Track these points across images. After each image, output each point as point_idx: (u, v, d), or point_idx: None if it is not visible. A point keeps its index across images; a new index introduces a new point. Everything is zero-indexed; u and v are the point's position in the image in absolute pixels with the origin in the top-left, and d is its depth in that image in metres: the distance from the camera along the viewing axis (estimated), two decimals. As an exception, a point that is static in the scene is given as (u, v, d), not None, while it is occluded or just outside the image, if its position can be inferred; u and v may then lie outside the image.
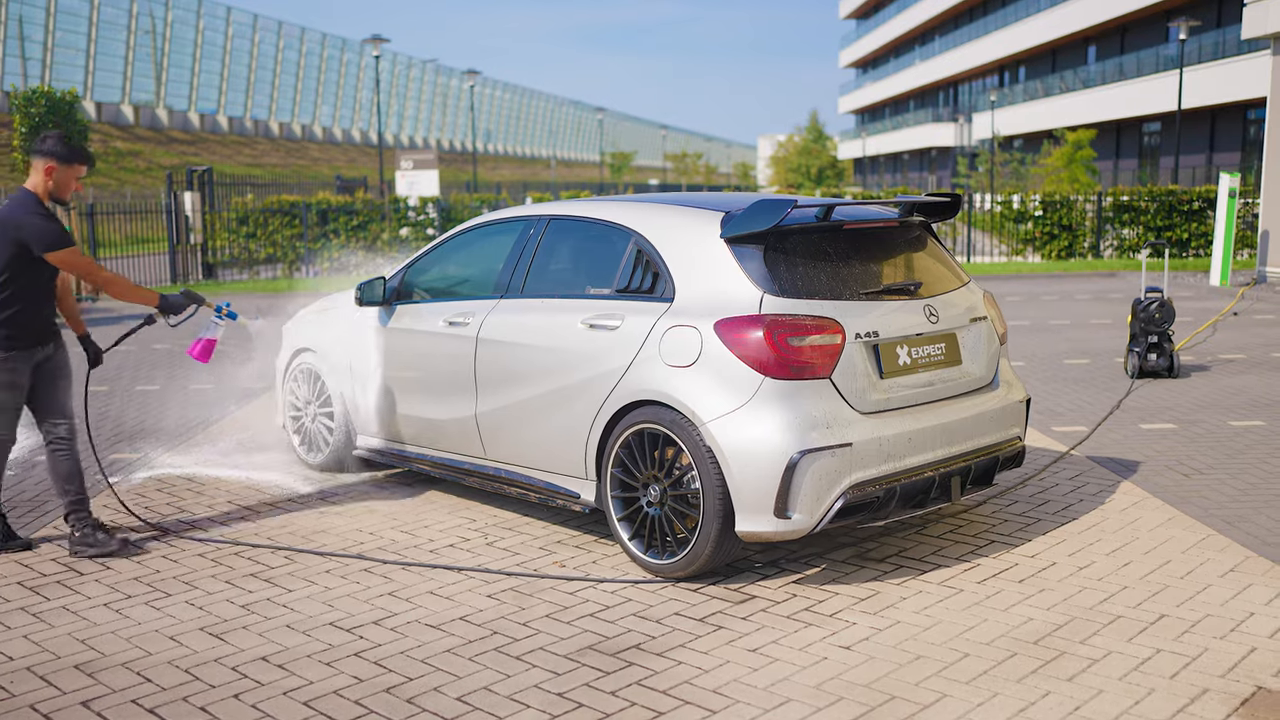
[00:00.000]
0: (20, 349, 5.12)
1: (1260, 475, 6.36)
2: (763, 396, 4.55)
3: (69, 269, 5.10)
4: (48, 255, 5.01)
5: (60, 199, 5.13)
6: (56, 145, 5.10)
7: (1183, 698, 3.65)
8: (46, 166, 5.07)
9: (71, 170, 5.12)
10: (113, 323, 15.30)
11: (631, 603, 4.58)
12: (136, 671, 3.98)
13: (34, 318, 5.15)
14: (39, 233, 4.98)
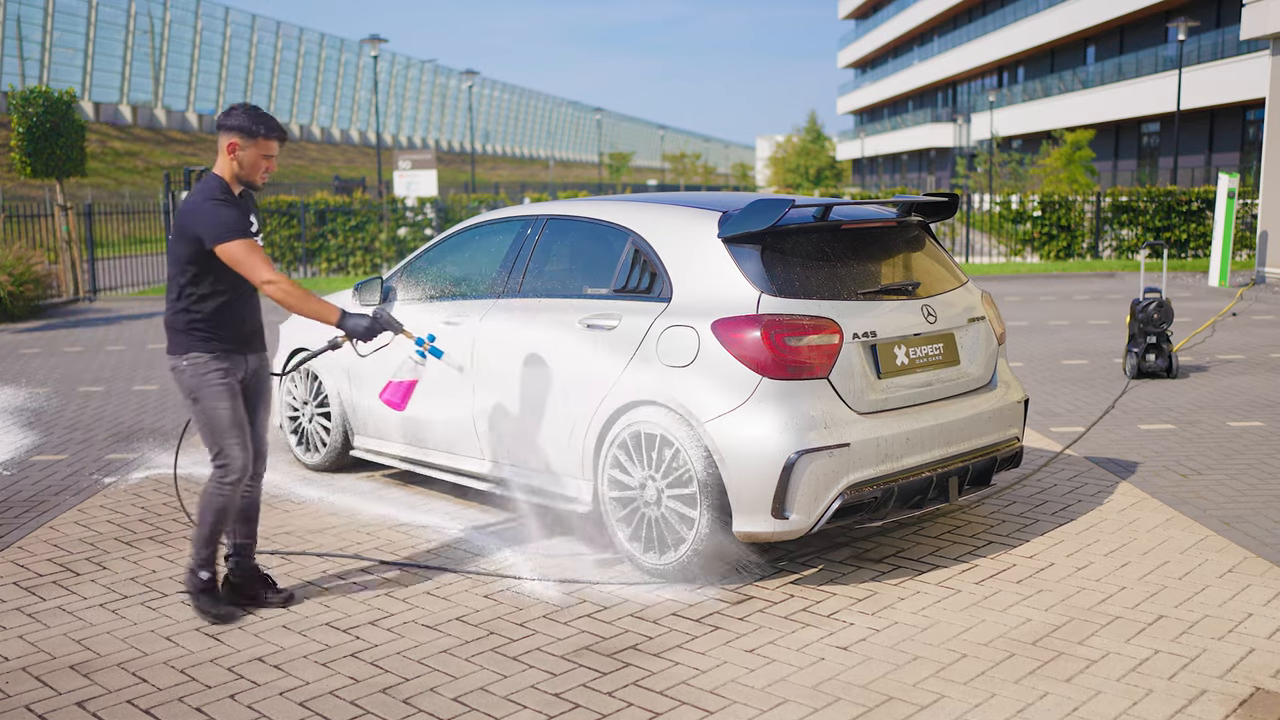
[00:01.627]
0: (223, 351, 4.40)
1: (1259, 476, 6.35)
2: (760, 396, 4.54)
3: (235, 266, 4.28)
4: (216, 249, 4.25)
5: (251, 182, 4.39)
6: (240, 118, 4.34)
7: (1181, 699, 3.65)
8: (229, 143, 4.34)
9: (258, 146, 4.35)
10: (111, 322, 15.30)
11: (628, 603, 4.57)
12: (132, 672, 3.97)
13: (237, 317, 4.45)
14: (208, 222, 4.24)
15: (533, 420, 5.35)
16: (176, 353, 4.40)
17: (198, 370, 4.37)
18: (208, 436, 4.38)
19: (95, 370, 11.02)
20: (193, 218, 4.28)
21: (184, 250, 4.33)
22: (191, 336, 4.37)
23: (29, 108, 17.28)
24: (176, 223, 4.34)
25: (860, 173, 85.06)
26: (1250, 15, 18.31)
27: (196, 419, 4.40)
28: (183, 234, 4.32)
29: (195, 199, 4.30)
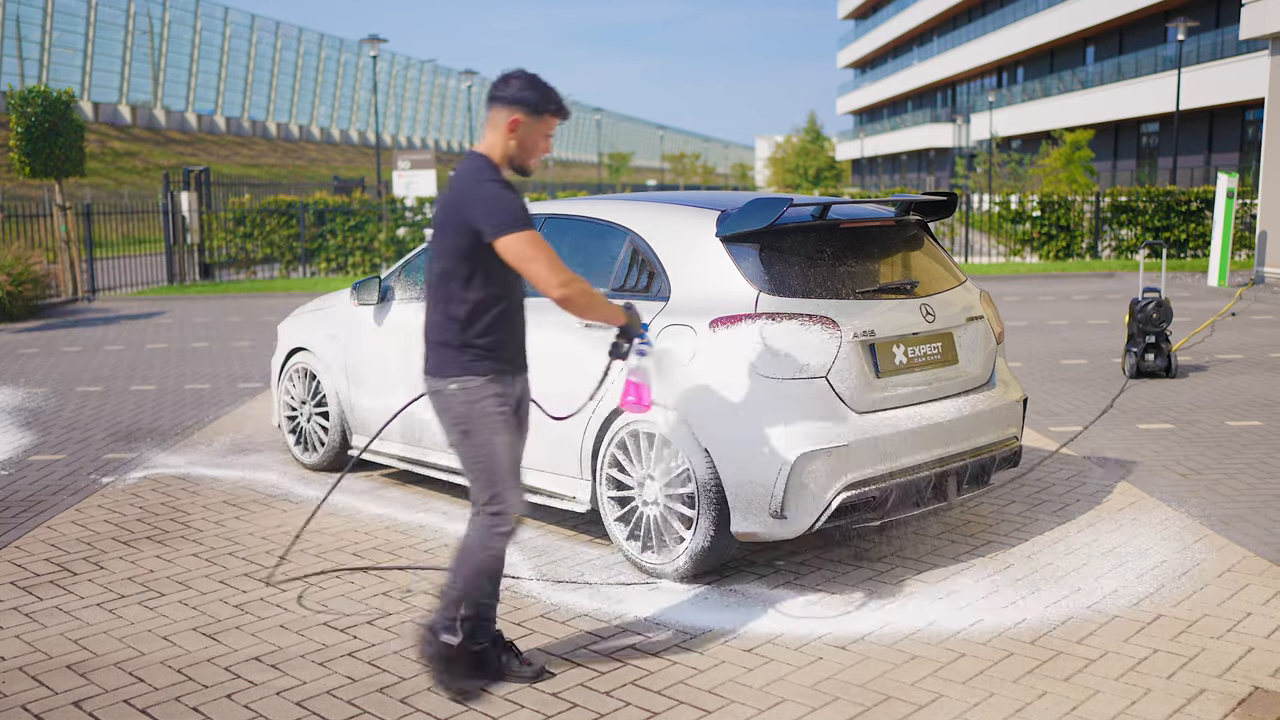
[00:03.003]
0: (497, 372, 3.66)
1: (1258, 475, 6.35)
2: (758, 396, 4.53)
3: (520, 263, 3.54)
4: (496, 242, 3.52)
5: (524, 167, 3.69)
6: (526, 90, 3.60)
7: (1180, 698, 3.64)
8: (511, 119, 3.60)
9: (541, 125, 3.64)
10: (110, 322, 15.30)
11: (627, 603, 4.56)
12: (129, 672, 3.97)
13: (514, 330, 3.75)
14: (490, 208, 3.52)
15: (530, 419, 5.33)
16: (442, 374, 3.63)
17: (470, 396, 3.60)
18: (481, 477, 3.64)
19: (94, 370, 11.02)
20: (469, 204, 3.55)
21: (457, 244, 3.57)
22: (464, 355, 3.61)
23: (28, 107, 17.27)
24: (443, 213, 3.61)
25: (860, 173, 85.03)
26: (1249, 15, 18.31)
27: (466, 455, 3.65)
28: (454, 225, 3.57)
29: (466, 182, 3.59)
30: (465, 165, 3.64)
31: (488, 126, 3.66)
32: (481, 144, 3.67)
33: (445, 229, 3.60)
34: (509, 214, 3.50)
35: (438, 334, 3.65)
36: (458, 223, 3.56)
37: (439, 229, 3.62)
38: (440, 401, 3.67)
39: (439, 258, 3.62)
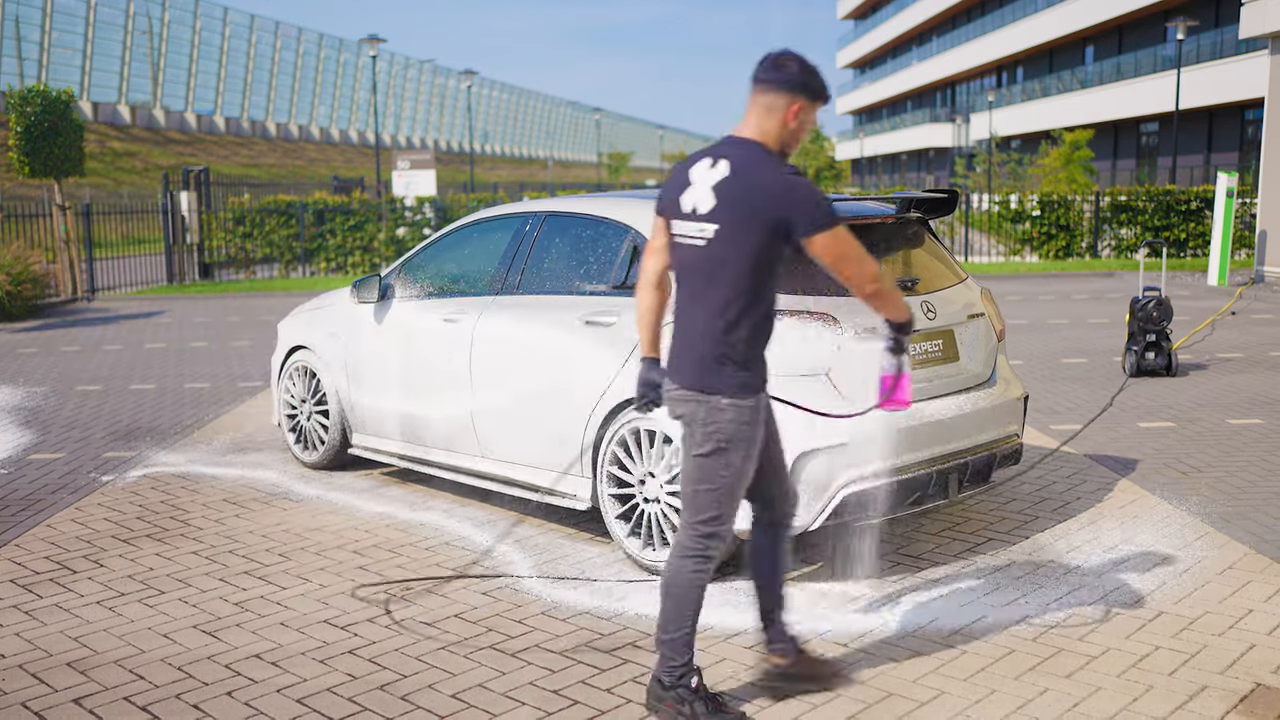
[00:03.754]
0: (761, 389, 3.41)
1: (1258, 473, 6.34)
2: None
3: (837, 262, 3.27)
4: (810, 241, 3.21)
5: (788, 156, 3.36)
6: (807, 74, 3.29)
7: (1181, 695, 3.63)
8: (794, 105, 3.28)
9: (814, 112, 3.34)
10: (110, 322, 15.29)
11: (628, 600, 4.55)
12: (129, 669, 3.96)
13: (768, 342, 3.43)
14: (805, 203, 3.21)
15: (531, 417, 5.34)
16: (718, 390, 3.30)
17: (741, 417, 3.32)
18: (712, 495, 3.36)
19: (93, 369, 11.01)
20: (777, 198, 3.19)
21: (753, 243, 3.22)
22: (743, 372, 3.31)
23: (27, 107, 17.26)
24: (734, 210, 3.24)
25: (859, 173, 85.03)
26: (1249, 14, 18.31)
27: (707, 471, 3.35)
28: (756, 222, 3.21)
29: (766, 174, 3.22)
30: (748, 155, 3.27)
31: (759, 112, 3.30)
32: (750, 130, 3.31)
33: (741, 227, 3.22)
34: (824, 208, 3.20)
35: (712, 346, 3.29)
36: (762, 220, 3.20)
37: (735, 225, 3.23)
38: (703, 413, 3.32)
39: (733, 258, 3.24)
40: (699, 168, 3.35)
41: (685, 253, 3.35)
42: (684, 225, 3.34)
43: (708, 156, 3.36)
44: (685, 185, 3.36)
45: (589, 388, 5.04)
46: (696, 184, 3.32)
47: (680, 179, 3.39)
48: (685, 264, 3.35)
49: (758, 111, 3.32)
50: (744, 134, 3.33)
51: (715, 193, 3.27)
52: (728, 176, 3.26)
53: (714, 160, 3.32)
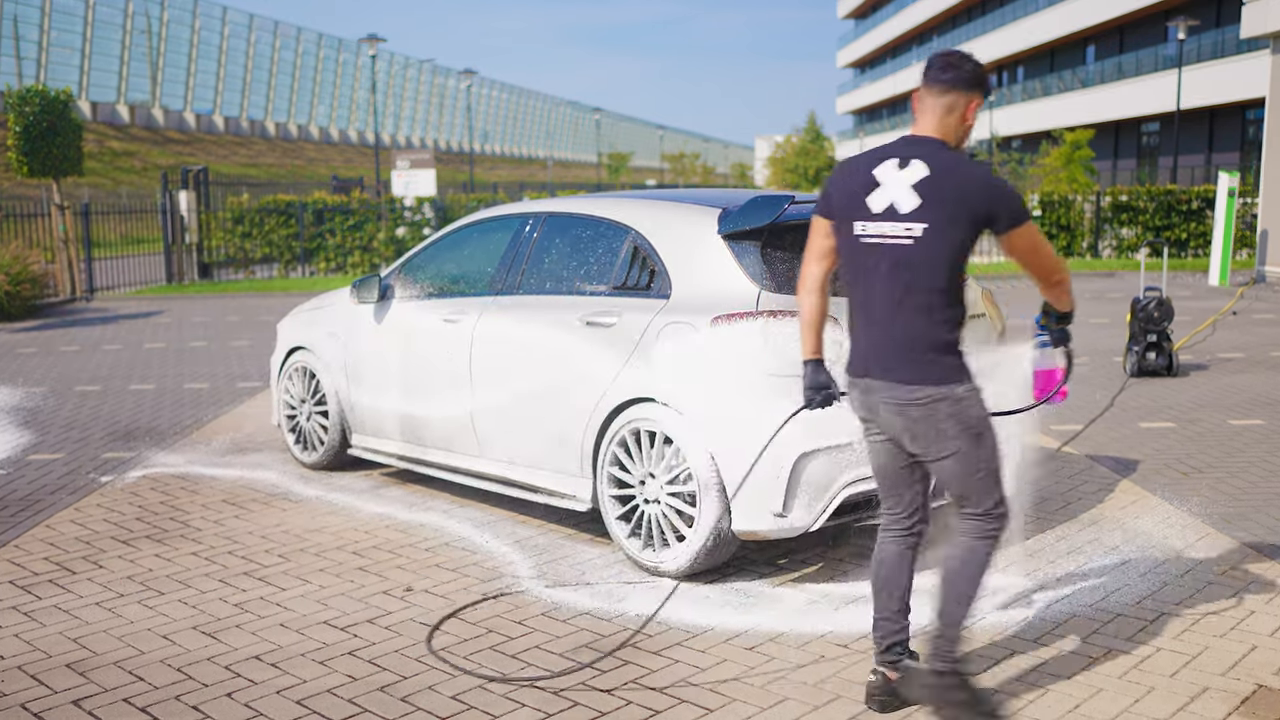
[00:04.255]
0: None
1: (1260, 474, 6.33)
2: (760, 393, 4.52)
3: (1032, 251, 3.40)
4: (1009, 235, 3.32)
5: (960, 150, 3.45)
6: (979, 72, 3.40)
7: (1183, 696, 3.63)
8: (972, 103, 3.39)
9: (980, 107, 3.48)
10: (109, 322, 15.28)
11: (628, 601, 4.55)
12: (129, 670, 3.95)
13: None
14: (1006, 198, 3.30)
15: (531, 417, 5.33)
16: (949, 380, 3.34)
17: (979, 397, 3.39)
18: (988, 480, 3.43)
19: (92, 369, 11.00)
20: (981, 194, 3.28)
21: (961, 240, 3.31)
22: (960, 357, 3.38)
23: (25, 107, 17.24)
24: (942, 209, 3.28)
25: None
26: (1250, 14, 18.30)
27: (974, 460, 3.39)
28: (963, 219, 3.28)
29: (969, 171, 3.32)
30: (942, 154, 3.33)
31: (939, 111, 3.37)
32: (930, 129, 3.38)
33: (950, 224, 3.28)
34: (1022, 203, 3.34)
35: (928, 340, 3.33)
36: (970, 215, 3.28)
37: (941, 222, 3.28)
38: (950, 409, 3.34)
39: (941, 251, 3.29)
40: (885, 169, 3.36)
41: (881, 253, 3.35)
42: (880, 225, 3.35)
43: (892, 157, 3.37)
44: (872, 185, 3.37)
45: (589, 388, 5.03)
46: (889, 184, 3.34)
47: (862, 180, 3.38)
48: (881, 264, 3.35)
49: (937, 111, 3.39)
50: (924, 133, 3.39)
51: (917, 192, 3.30)
52: (929, 175, 3.30)
53: (902, 160, 3.35)
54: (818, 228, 3.50)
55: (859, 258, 3.40)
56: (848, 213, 3.41)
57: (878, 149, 3.42)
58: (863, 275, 3.40)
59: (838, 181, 3.47)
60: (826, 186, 3.49)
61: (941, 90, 3.38)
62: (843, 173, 3.47)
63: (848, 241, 3.42)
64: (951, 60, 3.39)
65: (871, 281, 3.38)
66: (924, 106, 3.41)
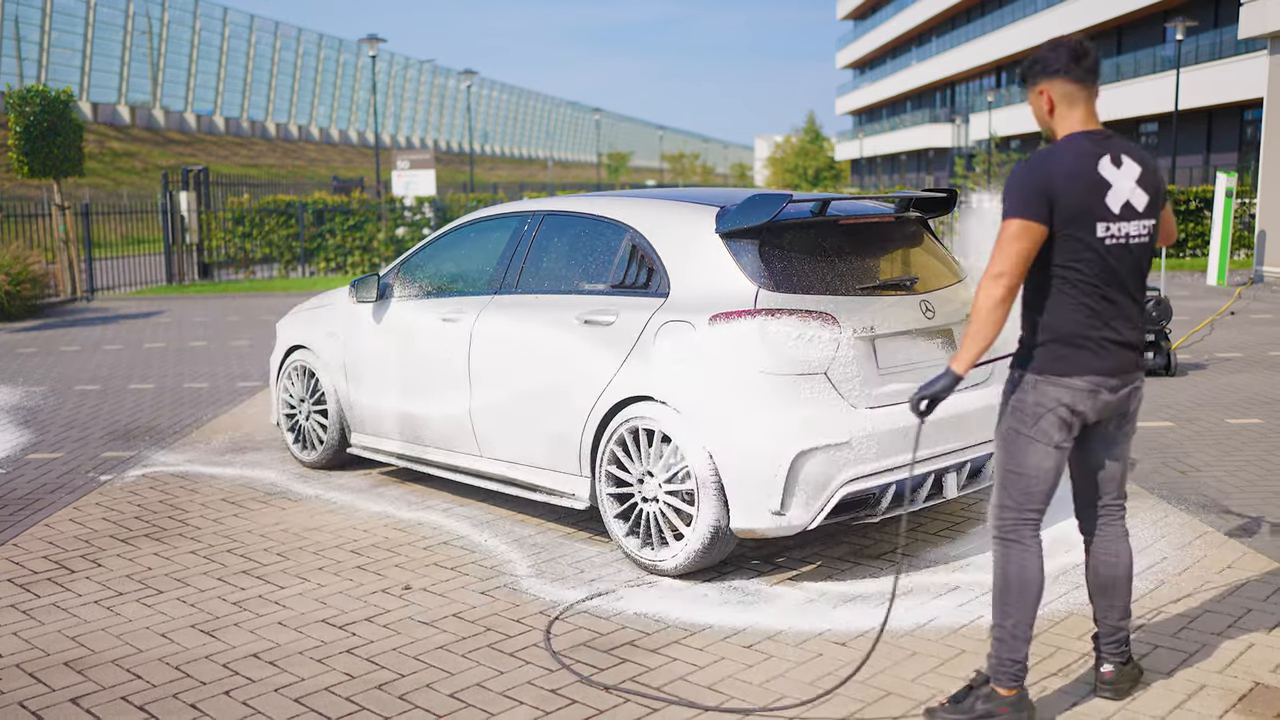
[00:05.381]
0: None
1: (1258, 472, 6.34)
2: (758, 392, 4.52)
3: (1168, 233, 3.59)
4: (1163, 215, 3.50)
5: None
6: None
7: (1180, 693, 3.63)
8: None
9: None
10: (109, 322, 15.28)
11: (626, 599, 4.55)
12: (127, 669, 3.95)
13: None
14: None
15: (530, 416, 5.33)
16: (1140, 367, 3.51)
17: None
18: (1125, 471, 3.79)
19: (92, 369, 11.00)
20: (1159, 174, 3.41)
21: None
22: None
23: (26, 107, 17.25)
24: (1160, 200, 3.40)
25: (859, 173, 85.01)
26: (1248, 15, 18.30)
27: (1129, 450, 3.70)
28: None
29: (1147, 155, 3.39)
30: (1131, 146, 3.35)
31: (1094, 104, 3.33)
32: (1094, 122, 3.33)
33: (1158, 217, 3.39)
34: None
35: (1141, 335, 3.43)
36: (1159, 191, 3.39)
37: (1157, 219, 3.38)
38: (1142, 391, 3.52)
39: (1147, 247, 3.37)
40: (1106, 166, 3.27)
41: (1119, 253, 3.30)
42: (1120, 226, 3.28)
43: (1105, 154, 3.28)
44: (1106, 186, 3.26)
45: (588, 387, 5.04)
46: (1118, 183, 3.27)
47: (1092, 180, 3.24)
48: (1115, 264, 3.29)
49: (1093, 104, 3.34)
50: (1098, 127, 3.33)
51: (1144, 188, 3.32)
52: (1144, 171, 3.32)
53: (1114, 157, 3.29)
54: (1037, 233, 3.23)
55: (1096, 259, 3.27)
56: (1085, 213, 3.24)
57: (1087, 145, 3.27)
58: (1096, 277, 3.29)
59: (1070, 183, 3.23)
60: (1036, 186, 3.23)
61: (1092, 82, 3.32)
62: (1071, 172, 3.24)
63: (1099, 243, 3.27)
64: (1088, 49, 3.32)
65: (1100, 283, 3.30)
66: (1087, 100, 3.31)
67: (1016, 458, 3.39)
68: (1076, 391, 3.34)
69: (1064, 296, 3.31)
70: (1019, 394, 3.39)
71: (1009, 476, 3.41)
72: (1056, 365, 3.33)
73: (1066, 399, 3.34)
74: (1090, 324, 3.32)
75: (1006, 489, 3.42)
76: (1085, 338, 3.32)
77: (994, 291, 3.24)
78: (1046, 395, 3.34)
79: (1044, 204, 3.22)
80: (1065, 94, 3.30)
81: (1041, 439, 3.36)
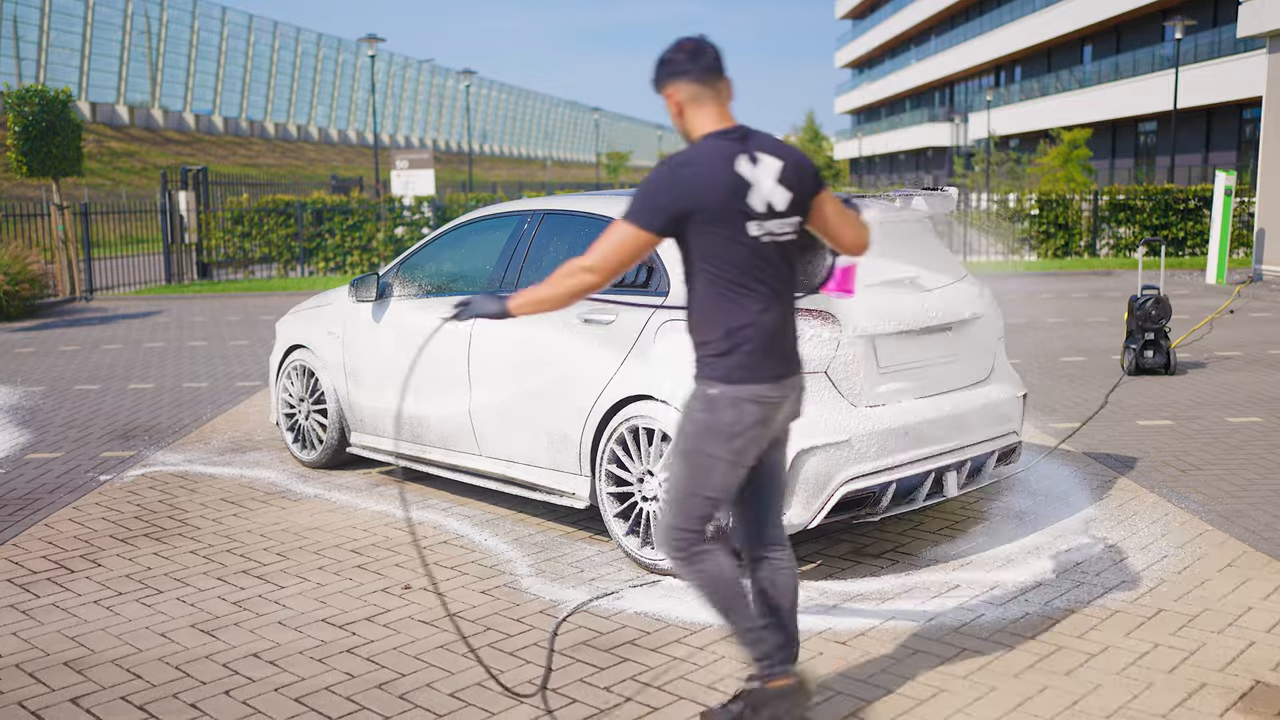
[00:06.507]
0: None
1: (1257, 471, 6.34)
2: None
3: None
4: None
5: None
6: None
7: (1181, 692, 3.63)
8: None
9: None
10: (108, 322, 15.27)
11: (626, 599, 4.55)
12: (126, 668, 3.95)
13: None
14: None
15: (530, 415, 5.33)
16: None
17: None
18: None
19: (91, 369, 11.00)
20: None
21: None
22: None
23: (25, 107, 17.23)
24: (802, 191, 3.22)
25: (858, 172, 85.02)
26: (1247, 13, 18.31)
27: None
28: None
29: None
30: (774, 140, 3.23)
31: (722, 101, 3.20)
32: (726, 120, 3.19)
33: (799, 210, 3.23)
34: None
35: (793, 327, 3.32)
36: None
37: (800, 212, 3.23)
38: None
39: (794, 245, 3.25)
40: (744, 164, 3.11)
41: (771, 250, 3.15)
42: (767, 224, 3.13)
43: (741, 152, 3.12)
44: (746, 185, 3.10)
45: (587, 386, 5.03)
46: (758, 181, 3.12)
47: (732, 180, 3.09)
48: (770, 259, 3.16)
49: (724, 102, 3.21)
50: (731, 124, 3.19)
51: (784, 185, 3.15)
52: (784, 166, 3.16)
53: (750, 155, 3.13)
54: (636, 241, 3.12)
55: (745, 256, 3.12)
56: (732, 214, 3.10)
57: (724, 146, 3.11)
58: (754, 275, 3.14)
59: (698, 187, 3.08)
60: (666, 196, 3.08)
61: (722, 74, 3.20)
62: (700, 176, 3.08)
63: (739, 242, 3.12)
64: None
65: (757, 281, 3.15)
66: (714, 96, 3.17)
67: (699, 478, 3.19)
68: (768, 401, 3.18)
69: (733, 302, 3.13)
70: (715, 412, 3.15)
71: (686, 497, 3.20)
72: (738, 373, 3.15)
73: (758, 414, 3.17)
74: (763, 326, 3.16)
75: (683, 509, 3.21)
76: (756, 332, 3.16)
77: (582, 282, 3.12)
78: (744, 411, 3.15)
79: (667, 216, 3.07)
80: (691, 95, 3.16)
81: (729, 456, 3.18)
